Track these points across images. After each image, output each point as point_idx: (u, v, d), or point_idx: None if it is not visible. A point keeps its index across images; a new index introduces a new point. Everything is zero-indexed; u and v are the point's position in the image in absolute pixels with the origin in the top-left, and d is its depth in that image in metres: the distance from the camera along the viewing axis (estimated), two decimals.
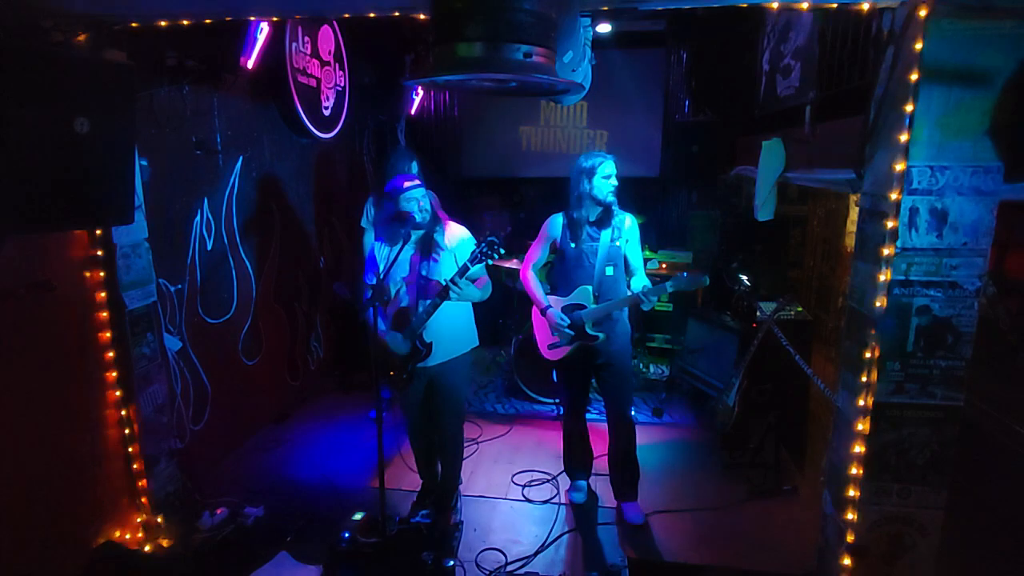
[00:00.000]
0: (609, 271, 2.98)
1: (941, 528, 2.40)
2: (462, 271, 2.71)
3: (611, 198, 2.92)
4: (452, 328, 2.95)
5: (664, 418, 4.46)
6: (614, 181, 2.93)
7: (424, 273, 2.87)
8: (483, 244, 2.67)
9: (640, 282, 2.95)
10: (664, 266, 5.18)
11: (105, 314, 2.79)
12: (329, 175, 5.13)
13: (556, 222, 3.09)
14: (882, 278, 2.25)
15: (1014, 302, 2.68)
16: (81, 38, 2.45)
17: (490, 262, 2.73)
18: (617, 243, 2.98)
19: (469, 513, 3.29)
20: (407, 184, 2.83)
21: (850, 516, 2.44)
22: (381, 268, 2.84)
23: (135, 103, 2.33)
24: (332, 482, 3.63)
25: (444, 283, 2.75)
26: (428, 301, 2.80)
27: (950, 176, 2.14)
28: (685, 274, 2.82)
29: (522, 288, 3.23)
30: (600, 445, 3.47)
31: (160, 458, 3.06)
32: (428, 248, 2.88)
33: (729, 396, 3.61)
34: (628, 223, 3.01)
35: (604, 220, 2.98)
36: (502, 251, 2.70)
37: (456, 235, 2.95)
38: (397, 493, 3.44)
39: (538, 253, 3.15)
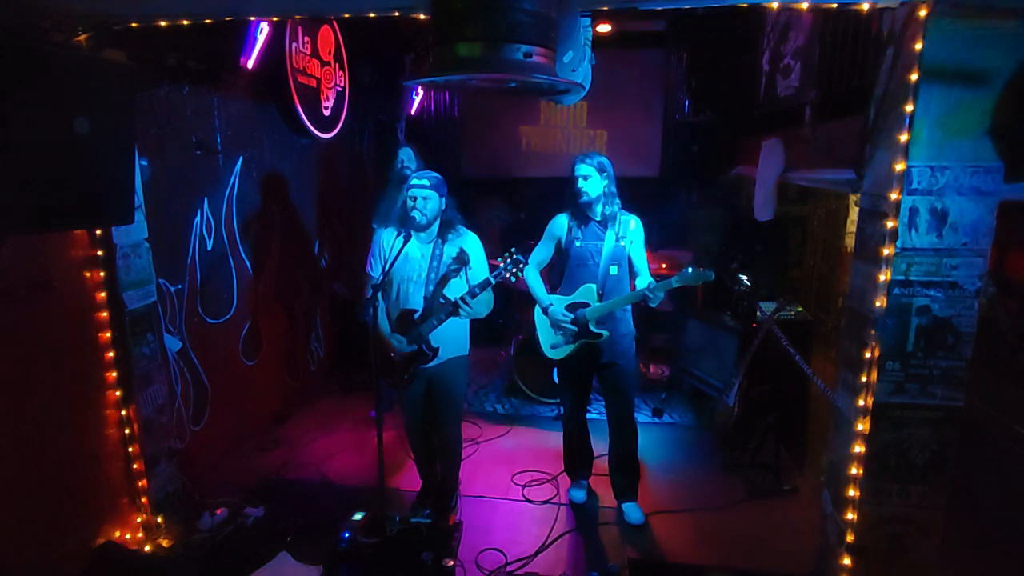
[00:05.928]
0: (613, 270, 2.99)
1: (941, 528, 2.40)
2: (484, 284, 2.69)
3: (585, 198, 2.93)
4: (452, 330, 2.93)
5: (664, 418, 4.46)
6: (589, 182, 2.92)
7: (444, 291, 2.83)
8: (508, 261, 2.66)
9: (646, 281, 2.96)
10: (664, 266, 5.18)
11: (105, 314, 2.78)
12: (329, 175, 5.12)
13: (560, 222, 3.09)
14: (882, 278, 2.25)
15: (1014, 302, 2.68)
16: (81, 38, 2.45)
17: (513, 279, 2.71)
18: (622, 243, 2.99)
19: (469, 513, 3.29)
20: (414, 180, 2.81)
21: (850, 516, 2.44)
22: (386, 259, 2.81)
23: (135, 103, 2.33)
24: (332, 482, 3.63)
25: (455, 300, 2.72)
26: (441, 313, 2.78)
27: (950, 176, 2.14)
28: (690, 269, 2.80)
29: (522, 287, 3.22)
30: (600, 445, 3.47)
31: (160, 458, 3.06)
32: (459, 267, 2.81)
33: (729, 396, 3.61)
34: (633, 225, 3.01)
35: (609, 220, 2.98)
36: (524, 268, 2.71)
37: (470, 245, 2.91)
38: (397, 493, 3.44)
39: (541, 252, 3.16)
